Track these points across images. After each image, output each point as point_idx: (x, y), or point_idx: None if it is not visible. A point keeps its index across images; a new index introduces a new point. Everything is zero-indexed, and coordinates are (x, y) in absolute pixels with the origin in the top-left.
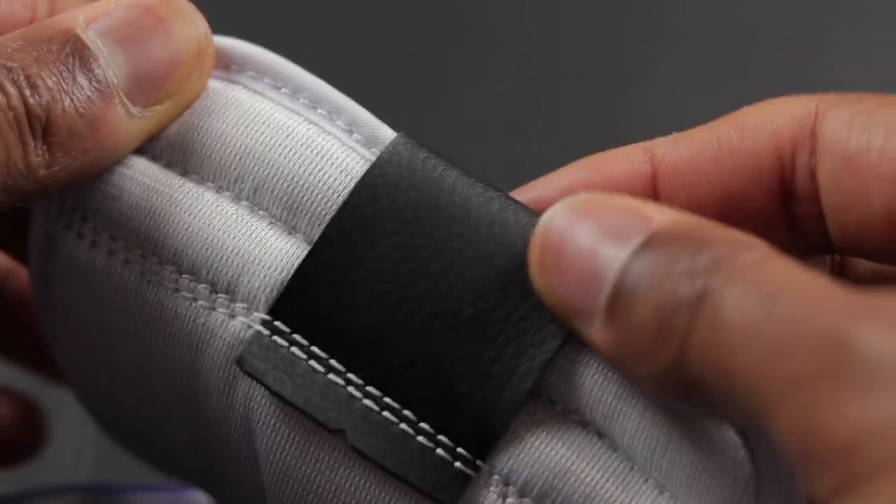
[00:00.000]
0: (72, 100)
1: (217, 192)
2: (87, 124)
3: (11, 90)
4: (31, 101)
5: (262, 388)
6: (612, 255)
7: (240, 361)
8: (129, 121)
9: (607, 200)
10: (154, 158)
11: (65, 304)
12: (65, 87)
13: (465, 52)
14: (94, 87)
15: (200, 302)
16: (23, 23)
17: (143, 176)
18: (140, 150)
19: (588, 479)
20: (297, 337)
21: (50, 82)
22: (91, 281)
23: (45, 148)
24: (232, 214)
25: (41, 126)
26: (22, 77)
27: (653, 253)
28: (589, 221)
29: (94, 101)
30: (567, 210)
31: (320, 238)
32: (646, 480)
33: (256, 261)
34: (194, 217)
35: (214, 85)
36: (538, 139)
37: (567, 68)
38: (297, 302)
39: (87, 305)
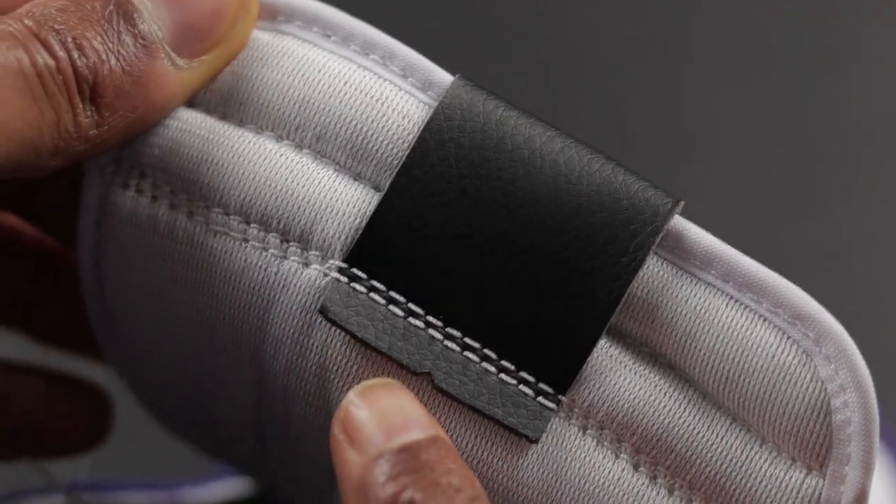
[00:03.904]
0: (118, 59)
1: (277, 140)
2: (134, 82)
3: (60, 54)
4: (78, 63)
5: (342, 336)
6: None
7: (322, 310)
8: (177, 73)
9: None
10: (208, 111)
11: (121, 272)
12: (110, 46)
13: (479, 50)
14: (139, 43)
15: (271, 251)
16: None
17: (199, 129)
18: (193, 104)
19: (665, 409)
20: (375, 283)
21: (96, 43)
22: (153, 237)
23: (93, 109)
24: (297, 163)
25: (89, 88)
26: (69, 39)
27: None
28: None
29: (140, 58)
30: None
31: (392, 184)
32: (718, 409)
33: (329, 209)
34: (259, 166)
35: (263, 36)
36: None
37: (582, 71)
38: (373, 248)
39: (148, 265)
